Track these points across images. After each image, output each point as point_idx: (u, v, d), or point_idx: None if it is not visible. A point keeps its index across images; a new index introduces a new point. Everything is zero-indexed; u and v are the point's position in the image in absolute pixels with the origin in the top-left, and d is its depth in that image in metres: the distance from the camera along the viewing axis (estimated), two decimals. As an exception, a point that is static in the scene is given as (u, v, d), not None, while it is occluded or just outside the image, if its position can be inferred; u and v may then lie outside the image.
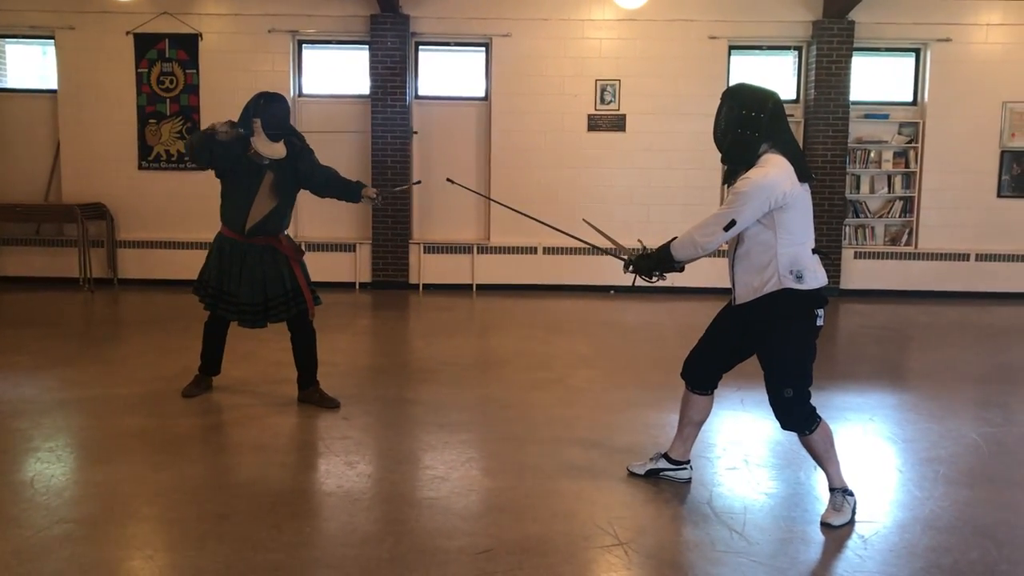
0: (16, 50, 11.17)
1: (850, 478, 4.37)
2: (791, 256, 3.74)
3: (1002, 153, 10.72)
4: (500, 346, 7.92)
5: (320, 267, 10.75)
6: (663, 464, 4.32)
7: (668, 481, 4.28)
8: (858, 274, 10.82)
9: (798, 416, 3.81)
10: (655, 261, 4.09)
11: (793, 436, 4.72)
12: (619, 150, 10.78)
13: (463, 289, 10.78)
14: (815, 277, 3.78)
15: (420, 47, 10.89)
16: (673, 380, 6.33)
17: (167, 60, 10.63)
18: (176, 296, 9.75)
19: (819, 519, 3.85)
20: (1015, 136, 10.70)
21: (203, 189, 10.60)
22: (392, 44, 10.50)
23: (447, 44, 10.93)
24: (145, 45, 10.60)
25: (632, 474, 4.36)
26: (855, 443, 4.99)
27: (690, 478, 4.31)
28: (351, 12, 10.60)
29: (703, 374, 4.16)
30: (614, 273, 10.67)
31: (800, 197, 3.76)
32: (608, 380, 6.42)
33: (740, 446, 4.85)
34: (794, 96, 10.91)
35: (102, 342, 7.83)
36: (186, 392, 5.64)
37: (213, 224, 5.47)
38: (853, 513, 3.86)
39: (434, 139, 10.95)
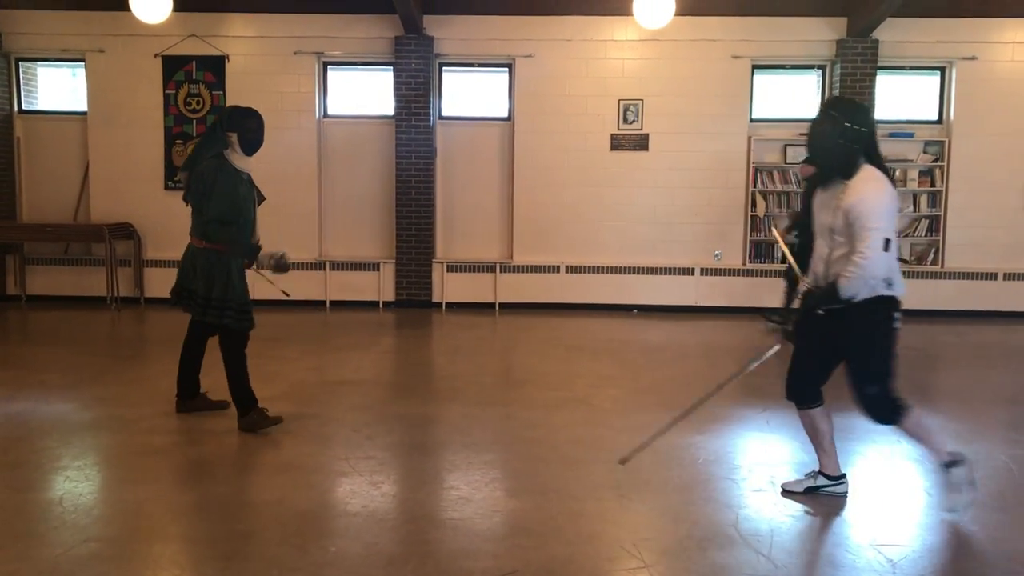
0: (47, 73, 11.37)
1: (879, 500, 4.34)
2: (887, 264, 3.89)
3: (1029, 172, 10.63)
4: (523, 365, 7.91)
5: (344, 286, 10.91)
6: (822, 481, 4.40)
7: (693, 503, 4.26)
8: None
9: (886, 410, 4.06)
10: (824, 297, 4.03)
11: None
12: (642, 169, 10.79)
13: (486, 308, 10.79)
14: (900, 283, 4.01)
15: (444, 68, 10.98)
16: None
17: (194, 82, 10.78)
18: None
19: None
20: (1043, 154, 10.60)
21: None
22: (416, 65, 10.59)
23: (470, 65, 11.01)
24: (173, 67, 10.76)
25: (788, 492, 4.39)
26: (883, 465, 4.94)
27: (847, 491, 4.39)
28: (376, 34, 10.70)
29: (810, 391, 4.28)
30: (636, 292, 10.70)
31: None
32: (632, 400, 6.39)
33: (766, 467, 4.81)
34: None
35: (129, 361, 7.90)
36: (270, 422, 5.37)
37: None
38: (969, 483, 4.08)
39: (458, 159, 11.00)
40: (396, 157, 10.71)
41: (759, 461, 4.96)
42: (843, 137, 3.92)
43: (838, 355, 4.16)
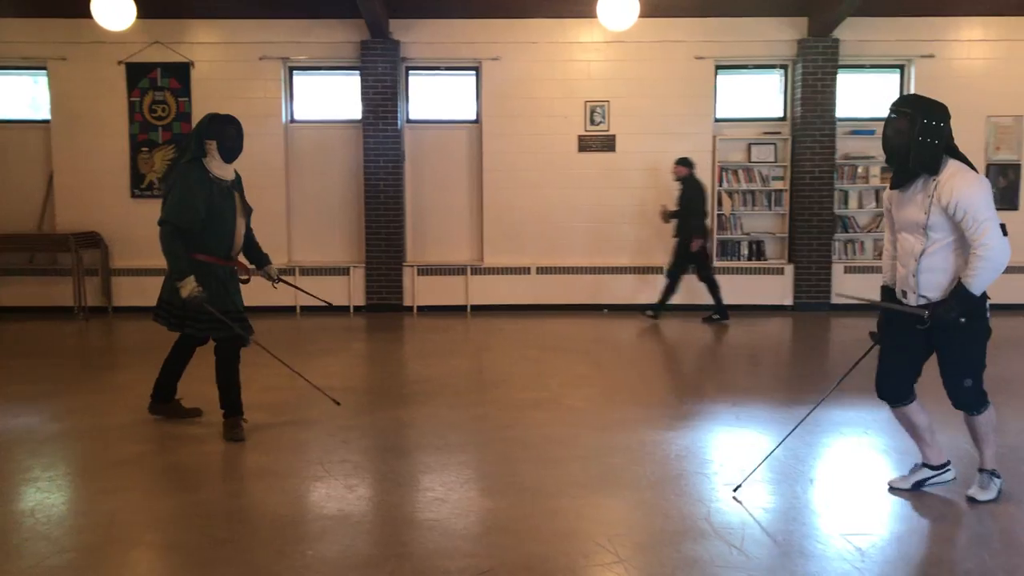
0: (7, 81, 11.22)
1: (847, 490, 4.43)
2: (1008, 250, 3.93)
3: (988, 166, 10.85)
4: (495, 366, 7.95)
5: (315, 290, 10.85)
6: (926, 473, 4.44)
7: (666, 498, 4.31)
8: (848, 288, 10.86)
9: (976, 401, 4.15)
10: (960, 304, 3.96)
11: (791, 452, 4.77)
12: (610, 170, 10.88)
13: (457, 310, 10.82)
14: None
15: (410, 72, 11.00)
16: (668, 397, 6.40)
17: (159, 89, 10.71)
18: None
19: (967, 495, 4.27)
20: (1000, 149, 10.85)
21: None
22: (383, 69, 10.60)
23: (437, 68, 11.04)
24: (137, 74, 10.69)
25: (896, 490, 4.43)
26: (851, 456, 5.03)
27: (955, 477, 4.45)
28: (341, 38, 10.70)
29: (904, 388, 4.31)
30: (606, 291, 10.77)
31: None
32: (604, 398, 6.45)
33: (736, 461, 4.88)
34: (781, 114, 11.04)
35: (98, 370, 7.83)
36: (236, 437, 5.30)
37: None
38: (999, 493, 4.23)
39: (426, 162, 11.03)
40: (364, 161, 10.72)
41: (729, 455, 5.03)
42: (923, 134, 3.95)
43: (928, 350, 4.23)
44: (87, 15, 9.07)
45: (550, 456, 4.99)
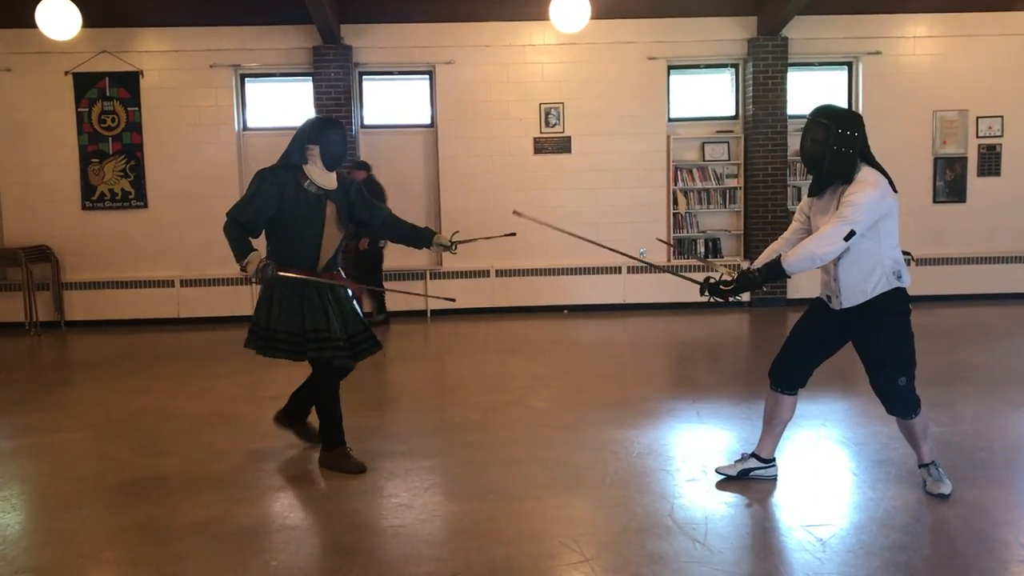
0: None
1: (807, 482, 4.50)
2: (893, 258, 4.12)
3: (935, 160, 11.07)
4: (457, 370, 7.94)
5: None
6: (753, 463, 4.53)
7: (630, 496, 4.34)
8: (803, 283, 11.03)
9: (910, 401, 4.17)
10: (765, 278, 4.20)
11: (750, 445, 4.82)
12: (566, 171, 10.92)
13: (417, 315, 10.78)
14: (908, 275, 4.20)
15: (364, 77, 10.95)
16: (630, 395, 6.44)
17: (108, 99, 10.53)
18: (125, 336, 9.63)
19: (928, 492, 4.24)
20: (946, 143, 11.06)
21: (149, 227, 10.52)
22: (336, 75, 10.54)
23: (391, 73, 11.00)
24: (85, 84, 10.50)
25: (725, 476, 4.53)
26: (809, 448, 5.10)
27: (776, 475, 4.53)
28: (293, 44, 10.61)
29: (796, 375, 4.41)
30: (566, 292, 10.82)
31: (896, 206, 4.12)
32: (566, 399, 6.47)
33: (698, 457, 4.93)
34: (733, 112, 11.17)
35: (52, 386, 7.68)
36: (352, 468, 4.84)
37: (161, 262, 5.33)
38: (947, 477, 4.30)
39: (382, 167, 10.96)
40: (319, 168, 10.61)
41: (691, 452, 5.08)
42: (837, 143, 4.02)
43: (835, 349, 4.35)
44: (32, 24, 8.90)
45: (513, 458, 5.00)
